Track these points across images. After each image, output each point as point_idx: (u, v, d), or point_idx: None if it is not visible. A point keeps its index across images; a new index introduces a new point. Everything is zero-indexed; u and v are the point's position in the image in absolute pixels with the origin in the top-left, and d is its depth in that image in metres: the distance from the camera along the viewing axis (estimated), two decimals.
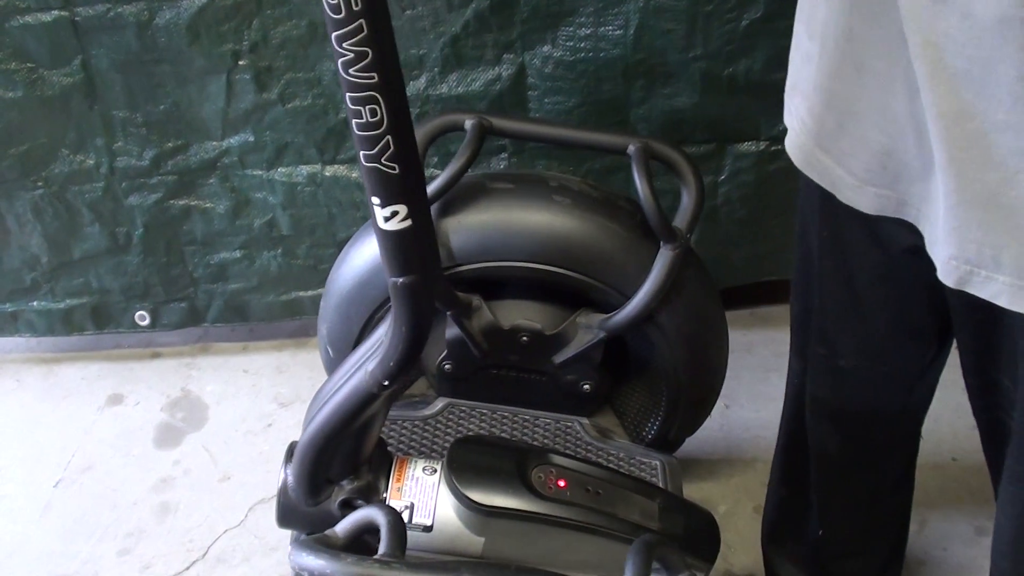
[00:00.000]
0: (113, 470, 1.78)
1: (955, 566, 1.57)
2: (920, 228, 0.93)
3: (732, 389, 1.86)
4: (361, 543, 1.07)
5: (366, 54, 0.84)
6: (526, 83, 1.64)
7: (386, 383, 1.06)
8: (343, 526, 1.09)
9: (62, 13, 1.57)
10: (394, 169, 0.91)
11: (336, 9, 0.82)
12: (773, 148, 1.71)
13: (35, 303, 1.92)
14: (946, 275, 0.88)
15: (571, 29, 1.59)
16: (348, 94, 0.87)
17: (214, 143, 1.72)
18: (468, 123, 1.41)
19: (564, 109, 1.66)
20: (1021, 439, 0.98)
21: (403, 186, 0.93)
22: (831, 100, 0.94)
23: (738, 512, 1.67)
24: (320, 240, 1.83)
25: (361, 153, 0.91)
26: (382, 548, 1.04)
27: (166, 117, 1.68)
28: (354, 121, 0.89)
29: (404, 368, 1.05)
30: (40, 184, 1.75)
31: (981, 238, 0.83)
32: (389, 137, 0.89)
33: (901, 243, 0.98)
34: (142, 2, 1.56)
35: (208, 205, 1.80)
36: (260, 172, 1.76)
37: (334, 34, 0.84)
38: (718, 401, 1.57)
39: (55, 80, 1.63)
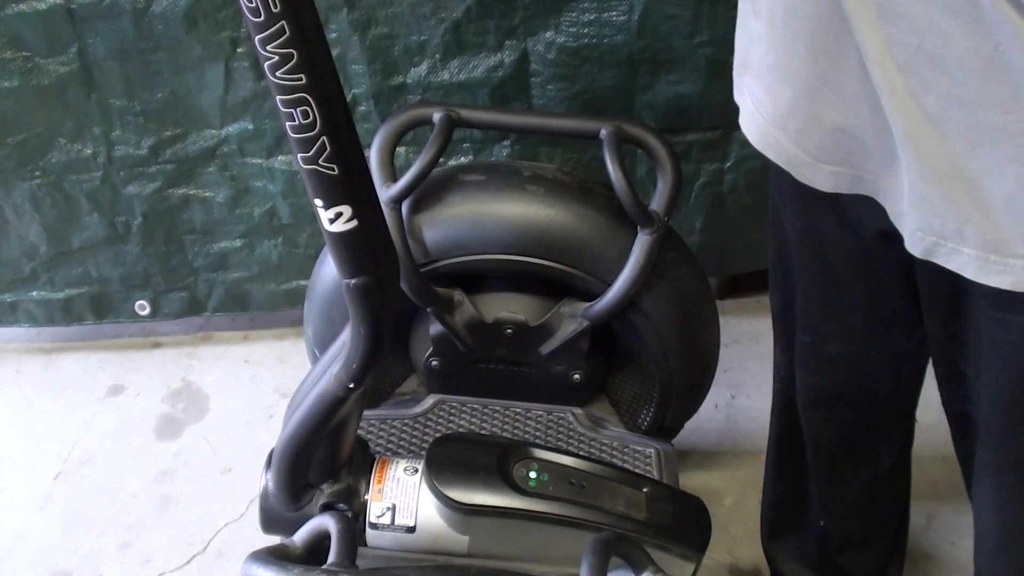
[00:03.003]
0: (113, 462, 1.77)
1: (963, 560, 1.56)
2: (881, 202, 0.91)
3: (738, 379, 1.84)
4: (323, 550, 1.06)
5: (291, 56, 0.82)
6: (529, 69, 1.62)
7: (351, 386, 1.04)
8: (300, 535, 1.09)
9: (57, 1, 1.54)
10: (333, 170, 0.89)
11: (255, 12, 0.79)
12: None
13: (34, 293, 1.90)
14: (913, 246, 0.87)
15: (574, 15, 1.56)
16: (277, 97, 0.85)
17: (213, 131, 1.70)
18: (436, 116, 1.38)
19: (567, 96, 1.63)
20: (995, 430, 0.98)
21: (344, 187, 0.91)
22: (783, 78, 0.92)
23: (744, 504, 1.65)
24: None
25: (298, 156, 0.89)
26: (331, 557, 1.03)
27: (164, 105, 1.66)
28: (287, 124, 0.87)
29: (367, 370, 1.03)
30: (38, 174, 1.73)
31: (944, 212, 0.82)
32: (324, 138, 0.87)
33: (872, 228, 0.97)
34: None
35: (207, 194, 1.78)
36: (260, 160, 1.73)
37: (256, 37, 0.81)
38: (724, 391, 1.55)
39: (51, 69, 1.61)
